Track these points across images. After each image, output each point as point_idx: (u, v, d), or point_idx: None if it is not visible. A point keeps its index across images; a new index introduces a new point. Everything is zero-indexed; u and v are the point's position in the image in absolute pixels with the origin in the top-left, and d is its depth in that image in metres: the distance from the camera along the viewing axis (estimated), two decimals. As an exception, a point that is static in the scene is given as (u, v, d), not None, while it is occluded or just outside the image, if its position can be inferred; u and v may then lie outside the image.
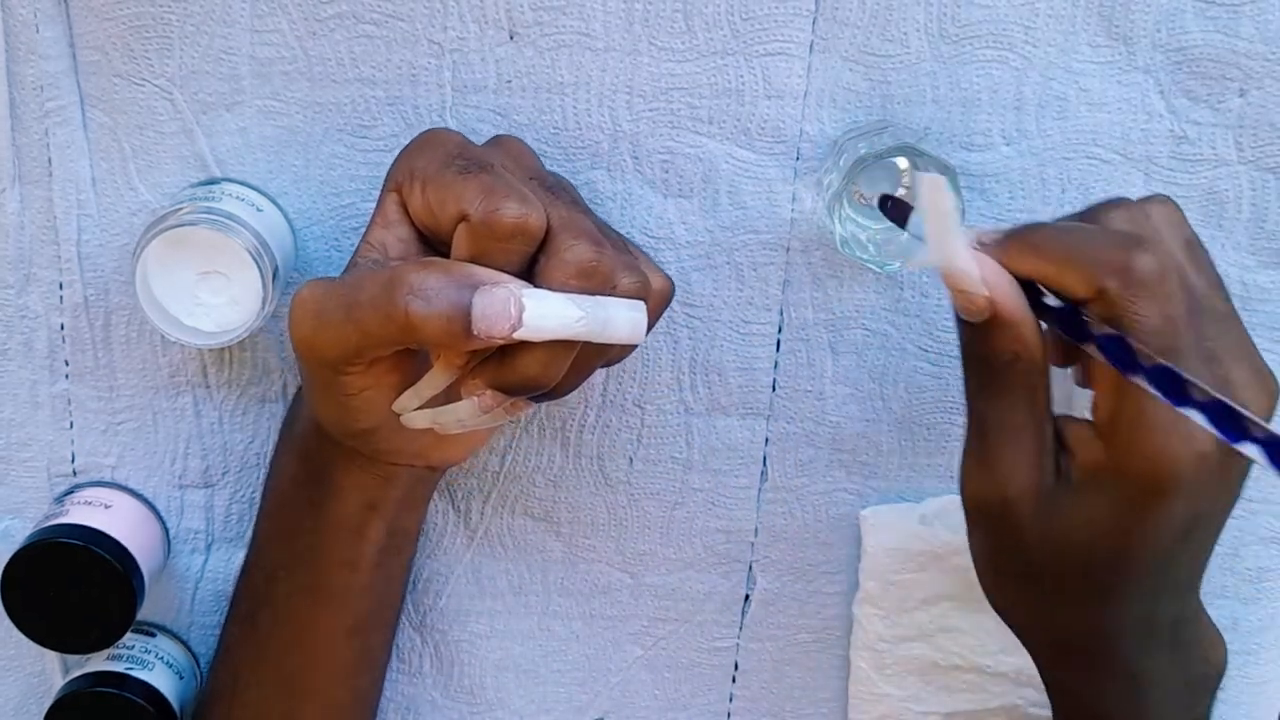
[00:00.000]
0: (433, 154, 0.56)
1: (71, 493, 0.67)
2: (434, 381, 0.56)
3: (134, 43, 0.61)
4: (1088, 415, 0.55)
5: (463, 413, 0.55)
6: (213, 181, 0.63)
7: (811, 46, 0.62)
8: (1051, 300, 0.54)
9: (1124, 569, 0.55)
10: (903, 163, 0.63)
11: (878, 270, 0.63)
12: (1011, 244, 0.54)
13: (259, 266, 0.60)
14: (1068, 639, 0.58)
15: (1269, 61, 0.62)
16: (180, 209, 0.60)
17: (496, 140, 0.60)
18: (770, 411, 0.68)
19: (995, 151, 0.64)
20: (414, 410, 0.57)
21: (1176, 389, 0.50)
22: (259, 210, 0.62)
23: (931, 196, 0.53)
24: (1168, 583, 0.56)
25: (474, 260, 0.53)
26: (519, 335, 0.51)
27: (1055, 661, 0.60)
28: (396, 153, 0.60)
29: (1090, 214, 0.56)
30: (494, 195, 0.53)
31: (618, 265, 0.54)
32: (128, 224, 0.64)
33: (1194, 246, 0.55)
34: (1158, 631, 0.57)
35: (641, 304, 0.54)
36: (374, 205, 0.64)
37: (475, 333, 0.51)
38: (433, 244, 0.58)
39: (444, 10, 0.61)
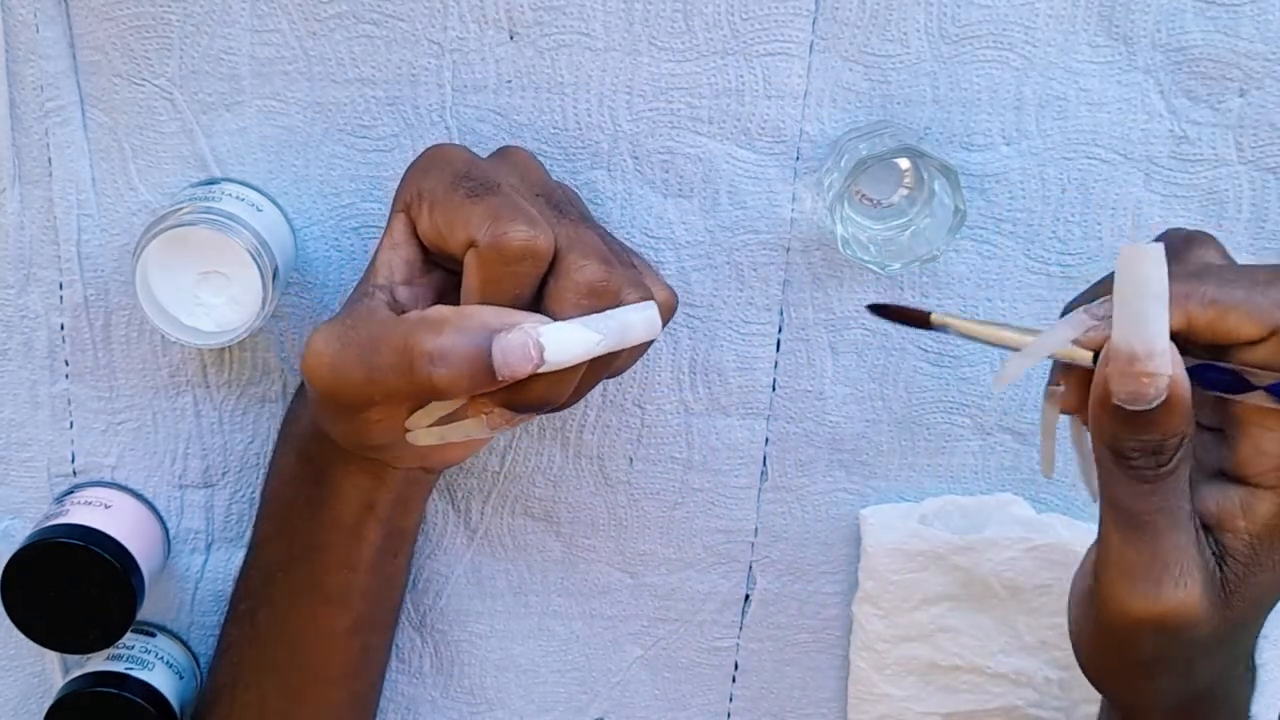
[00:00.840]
0: (440, 174, 0.56)
1: (71, 493, 0.67)
2: (446, 405, 0.56)
3: (134, 43, 0.61)
4: None
5: (471, 429, 0.56)
6: (213, 181, 0.63)
7: (811, 46, 0.62)
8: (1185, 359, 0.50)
9: (1264, 617, 0.53)
10: (904, 163, 0.63)
11: (879, 271, 0.63)
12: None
13: (259, 266, 0.60)
14: (1185, 697, 0.55)
15: (1269, 61, 0.62)
16: (180, 209, 0.60)
17: (503, 153, 0.60)
18: (770, 411, 0.68)
19: (995, 151, 0.64)
20: (423, 429, 0.57)
21: None
22: (259, 210, 0.62)
23: (1140, 271, 0.48)
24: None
25: (485, 285, 0.54)
26: (544, 370, 0.52)
27: (1152, 715, 0.56)
28: (396, 153, 0.59)
29: (1177, 251, 0.53)
30: (501, 219, 0.53)
31: (624, 282, 0.54)
32: (128, 224, 0.64)
33: None
34: (1251, 663, 0.56)
35: (651, 302, 0.54)
36: (373, 205, 0.64)
37: (500, 379, 0.52)
38: (439, 263, 0.58)
39: (444, 10, 0.61)
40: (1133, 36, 0.62)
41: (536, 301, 0.54)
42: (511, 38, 0.62)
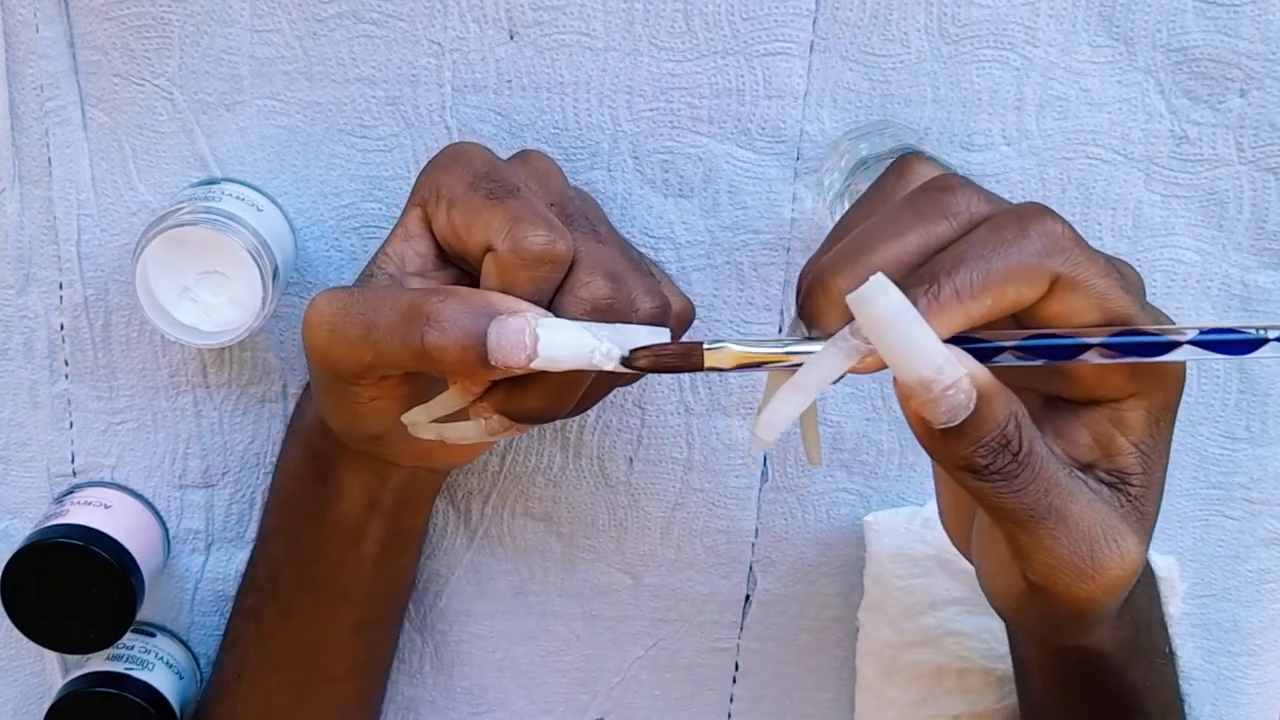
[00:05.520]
0: (460, 173, 0.56)
1: (71, 493, 0.67)
2: (446, 403, 0.55)
3: (134, 42, 0.61)
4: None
5: (469, 431, 0.55)
6: (213, 181, 0.63)
7: (812, 46, 0.62)
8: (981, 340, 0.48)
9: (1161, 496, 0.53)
10: (902, 162, 0.63)
11: (878, 270, 0.63)
12: (935, 300, 0.47)
13: (259, 266, 0.60)
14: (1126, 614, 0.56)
15: (1269, 61, 0.62)
16: (180, 209, 0.60)
17: (523, 157, 0.59)
18: (770, 412, 0.68)
19: (995, 151, 0.64)
20: (423, 423, 0.57)
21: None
22: (259, 210, 0.62)
23: (877, 311, 0.45)
24: None
25: (504, 289, 0.53)
26: (536, 365, 0.50)
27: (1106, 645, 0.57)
28: (396, 153, 0.59)
29: (881, 192, 0.52)
30: (521, 223, 0.52)
31: (637, 290, 0.53)
32: (128, 224, 0.64)
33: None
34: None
35: (664, 330, 0.52)
36: (373, 205, 0.64)
37: (492, 363, 0.51)
38: (452, 261, 0.57)
39: (444, 10, 0.61)
40: (1133, 36, 0.62)
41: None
42: (512, 37, 0.62)
